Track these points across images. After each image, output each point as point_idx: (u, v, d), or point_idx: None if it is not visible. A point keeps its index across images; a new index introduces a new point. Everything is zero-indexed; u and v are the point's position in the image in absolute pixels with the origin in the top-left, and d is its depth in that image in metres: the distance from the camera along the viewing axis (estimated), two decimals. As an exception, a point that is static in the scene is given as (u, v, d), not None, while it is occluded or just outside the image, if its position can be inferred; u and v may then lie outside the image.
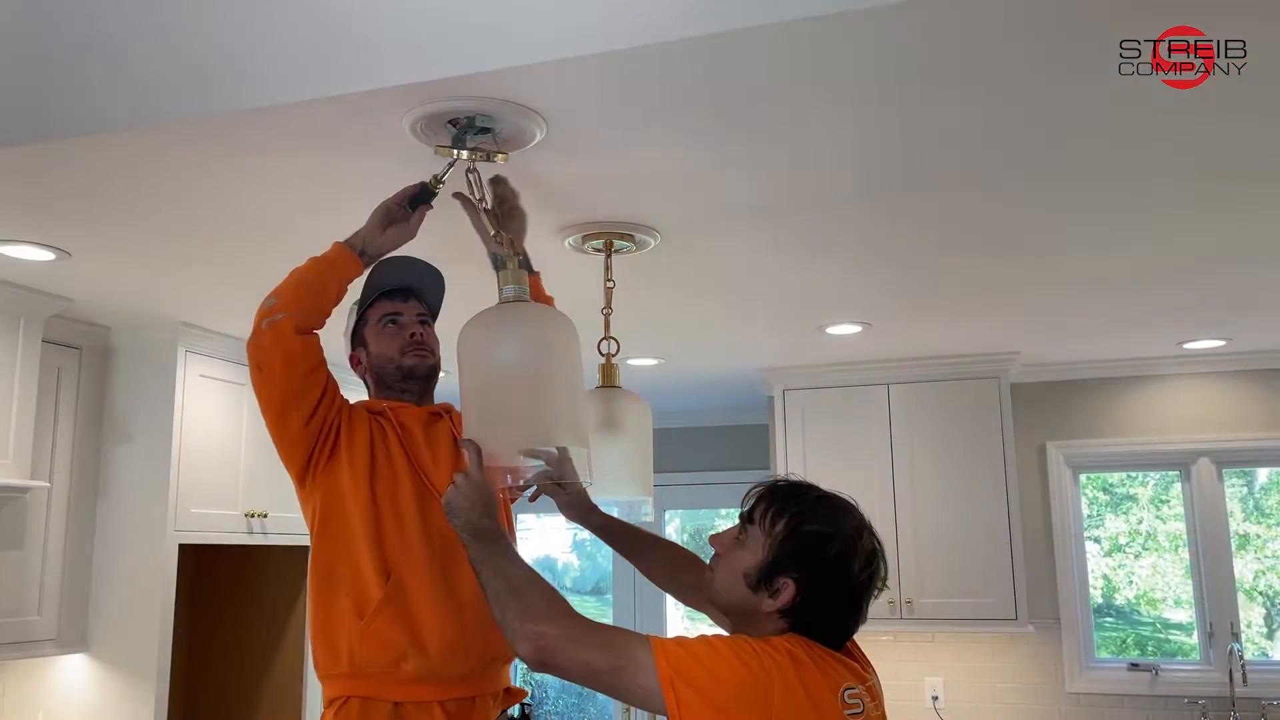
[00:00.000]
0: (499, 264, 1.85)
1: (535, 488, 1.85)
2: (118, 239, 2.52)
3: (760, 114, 1.80)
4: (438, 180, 1.88)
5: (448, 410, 2.04)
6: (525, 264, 1.91)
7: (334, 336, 1.96)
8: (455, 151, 1.82)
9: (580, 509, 2.00)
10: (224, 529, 3.54)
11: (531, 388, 1.62)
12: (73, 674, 3.34)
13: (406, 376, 1.97)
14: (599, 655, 1.41)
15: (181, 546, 3.39)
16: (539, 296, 1.98)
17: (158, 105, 1.79)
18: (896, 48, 1.56)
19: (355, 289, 1.97)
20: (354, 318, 2.06)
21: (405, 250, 1.95)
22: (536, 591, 1.50)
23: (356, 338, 2.05)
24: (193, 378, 3.46)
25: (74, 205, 2.28)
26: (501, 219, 1.89)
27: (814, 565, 1.47)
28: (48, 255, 2.60)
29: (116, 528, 3.38)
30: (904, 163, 2.05)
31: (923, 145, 1.96)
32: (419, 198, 1.89)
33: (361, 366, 2.04)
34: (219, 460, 3.54)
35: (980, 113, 1.81)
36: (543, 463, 1.69)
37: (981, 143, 1.95)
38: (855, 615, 1.51)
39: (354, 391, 1.99)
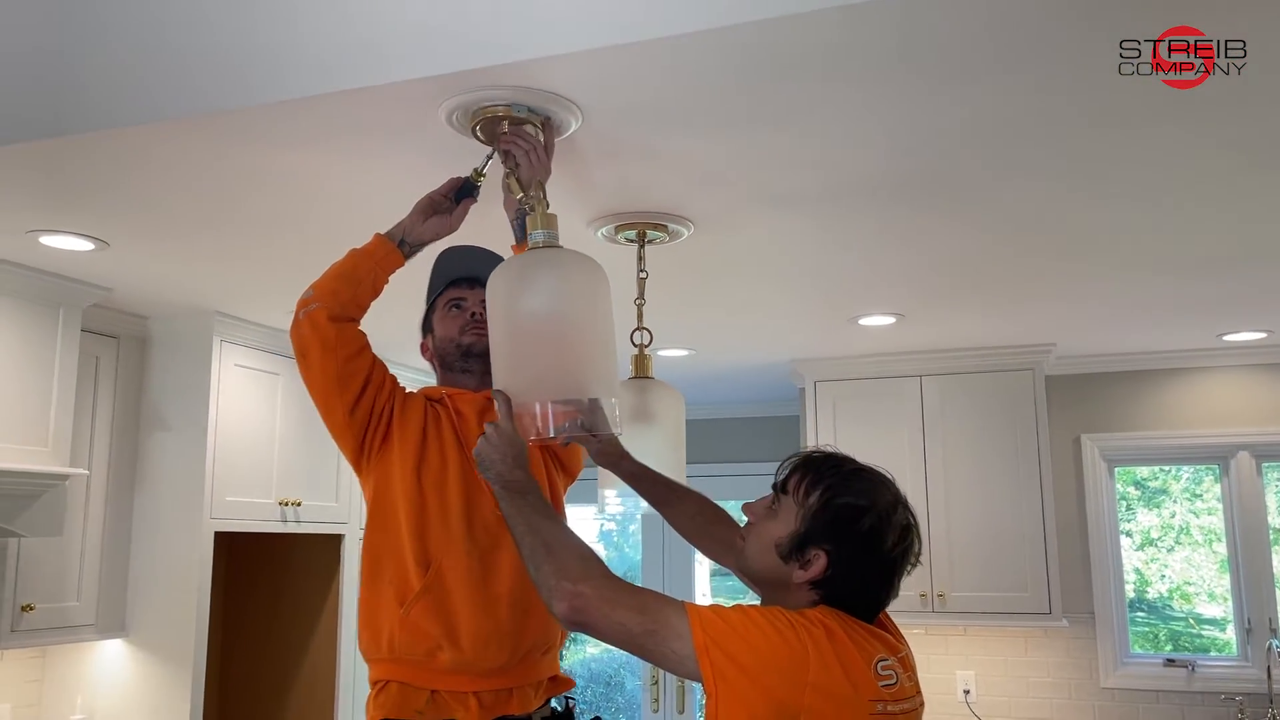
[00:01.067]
0: (523, 234, 1.84)
1: (566, 437, 1.84)
2: (155, 229, 2.54)
3: (796, 103, 1.79)
4: (479, 173, 1.88)
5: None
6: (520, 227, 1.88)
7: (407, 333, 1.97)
8: (494, 149, 1.82)
9: (611, 457, 1.98)
10: (258, 517, 3.58)
11: (561, 336, 1.59)
12: (111, 658, 3.39)
13: (465, 355, 1.98)
14: (634, 618, 1.40)
15: (217, 534, 3.43)
16: None
17: (197, 97, 1.80)
18: (932, 35, 1.54)
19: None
20: (426, 307, 2.09)
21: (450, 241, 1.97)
22: (573, 550, 1.49)
23: (426, 325, 2.08)
24: (228, 367, 3.49)
25: (112, 196, 2.30)
26: (521, 171, 1.81)
27: (846, 538, 1.46)
28: (87, 245, 2.64)
29: (153, 515, 3.42)
30: (938, 152, 2.03)
31: (957, 134, 1.94)
32: (462, 191, 1.90)
33: (429, 351, 2.07)
34: (253, 449, 3.58)
35: (1017, 102, 1.78)
36: (574, 411, 1.65)
37: (1017, 132, 1.92)
38: (887, 589, 1.49)
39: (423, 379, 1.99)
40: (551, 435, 1.61)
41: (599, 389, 1.59)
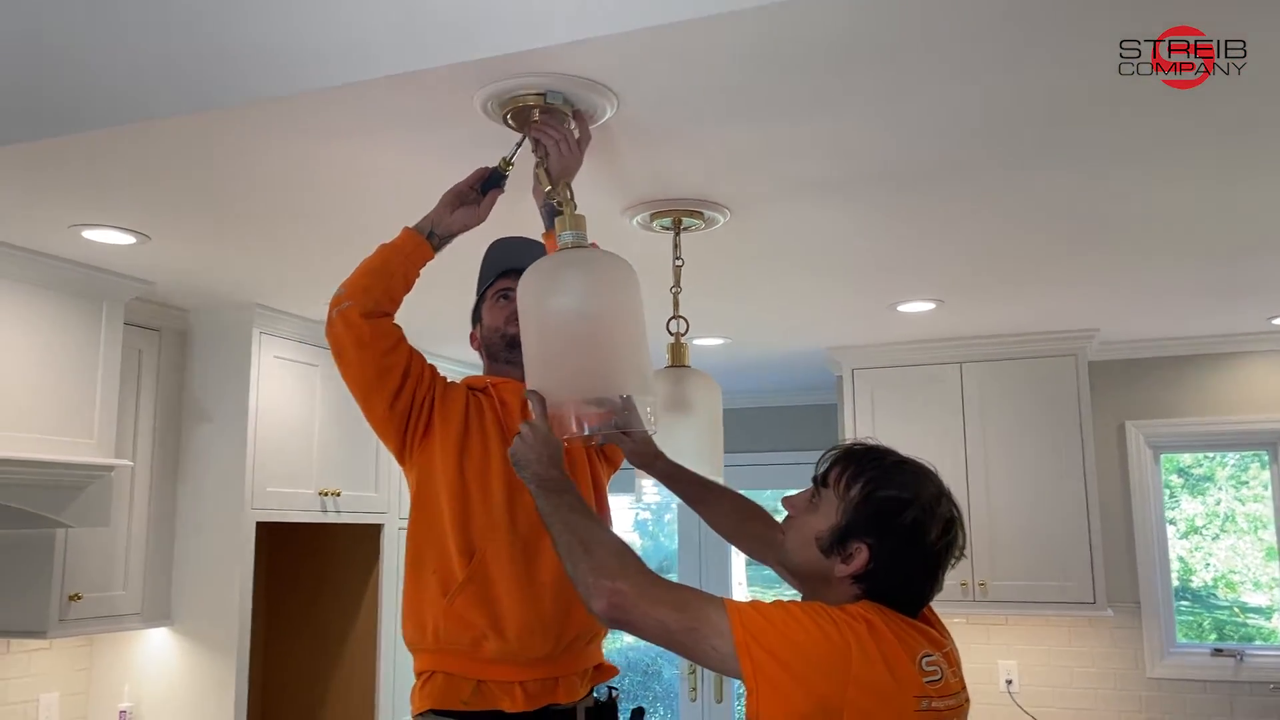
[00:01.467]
0: (551, 222, 1.84)
1: (601, 436, 1.83)
2: (194, 222, 2.56)
3: (831, 87, 1.76)
4: (507, 162, 1.87)
5: None
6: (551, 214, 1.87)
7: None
8: (524, 131, 1.81)
9: (646, 456, 1.97)
10: (299, 507, 3.61)
11: (593, 335, 1.59)
12: (157, 646, 3.44)
13: (511, 345, 1.97)
14: (673, 615, 1.39)
15: (258, 524, 3.47)
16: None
17: (235, 87, 1.81)
18: (971, 16, 1.51)
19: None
20: (476, 299, 2.10)
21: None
22: (609, 547, 1.48)
23: (475, 315, 2.09)
24: (267, 359, 3.52)
25: (152, 189, 2.32)
26: (551, 162, 1.81)
27: (889, 531, 1.43)
28: (128, 239, 2.66)
29: (196, 505, 3.46)
30: (976, 137, 1.99)
31: (993, 119, 1.90)
32: (490, 181, 1.89)
33: (477, 342, 2.08)
34: (293, 440, 3.61)
35: (1059, 84, 1.74)
36: (608, 410, 1.66)
37: (1060, 114, 1.88)
38: (931, 583, 1.47)
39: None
40: (586, 434, 1.62)
41: (632, 387, 1.59)
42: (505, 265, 2.03)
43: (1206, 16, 1.51)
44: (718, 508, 1.97)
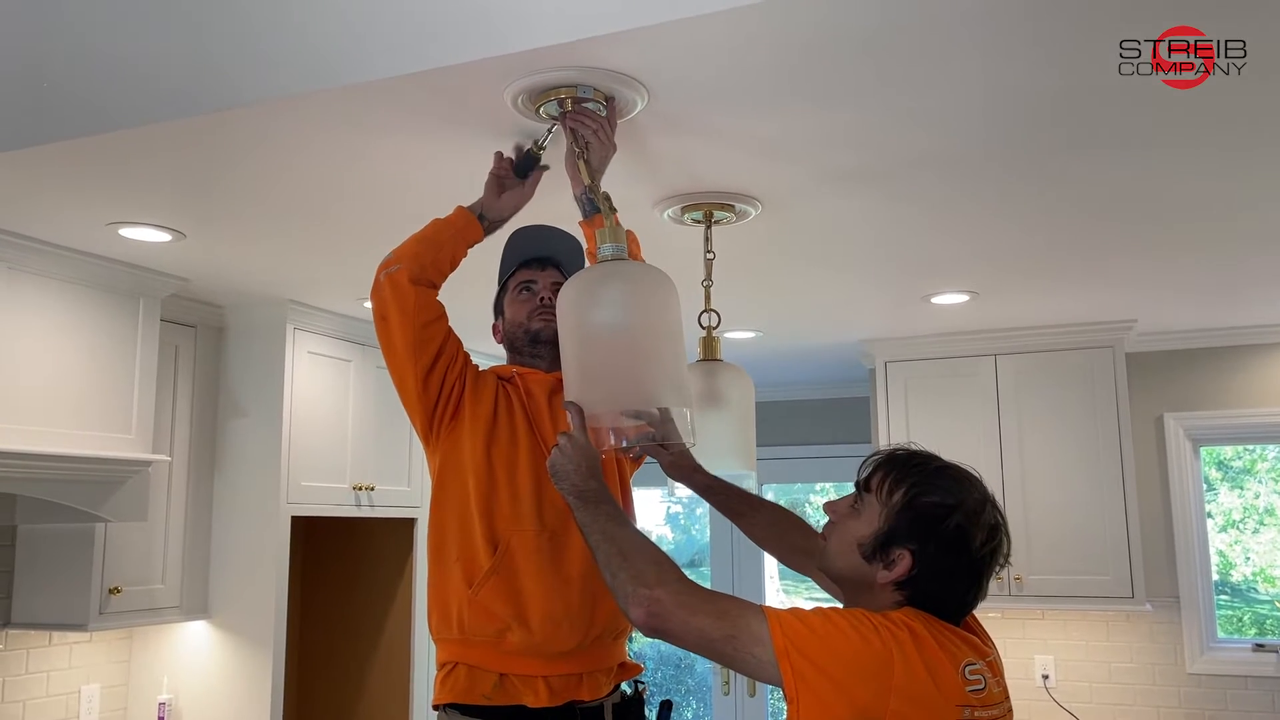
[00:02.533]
0: (587, 211, 1.86)
1: (639, 448, 1.83)
2: (229, 220, 2.58)
3: (862, 78, 1.74)
4: (539, 146, 1.88)
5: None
6: (595, 203, 1.87)
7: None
8: (555, 122, 1.81)
9: (684, 469, 1.97)
10: (333, 501, 3.64)
11: (632, 348, 1.60)
12: (195, 639, 3.48)
13: (534, 340, 1.97)
14: (713, 624, 1.39)
15: (293, 518, 3.50)
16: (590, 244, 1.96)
17: (268, 82, 1.82)
18: (1007, 4, 1.49)
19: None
20: (498, 289, 2.08)
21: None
22: (647, 556, 1.48)
23: (498, 308, 2.08)
24: (301, 354, 3.55)
25: (188, 187, 2.34)
26: (589, 154, 1.82)
27: (932, 538, 1.42)
28: (164, 236, 2.69)
29: (232, 499, 3.50)
30: (1010, 127, 1.97)
31: (1030, 108, 1.87)
32: (525, 164, 1.90)
33: (500, 334, 2.08)
34: (327, 434, 3.64)
35: (1096, 70, 1.71)
36: (645, 423, 1.66)
37: (1098, 100, 1.85)
38: (975, 591, 1.45)
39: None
40: (624, 446, 1.66)
41: (670, 399, 1.60)
42: (526, 254, 2.03)
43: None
44: (757, 519, 1.96)
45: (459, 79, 1.73)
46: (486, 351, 2.90)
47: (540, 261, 2.02)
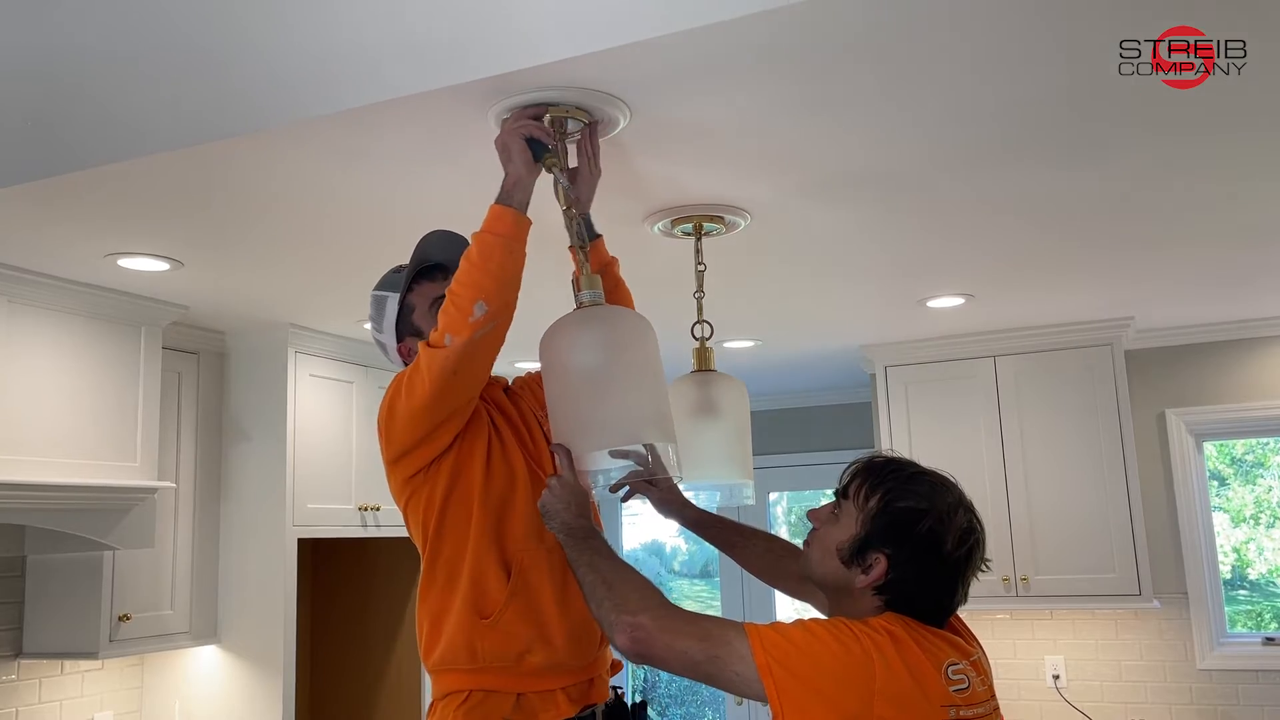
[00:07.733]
0: (589, 234, 1.85)
1: (627, 488, 1.86)
2: (225, 246, 2.61)
3: (847, 85, 1.76)
4: (552, 148, 1.76)
5: (506, 385, 2.00)
6: (588, 227, 1.86)
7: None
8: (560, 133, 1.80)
9: (673, 505, 2.01)
10: (339, 523, 3.66)
11: (613, 389, 1.64)
12: (205, 664, 3.50)
13: None
14: (695, 645, 1.42)
15: (300, 540, 3.52)
16: (602, 259, 1.93)
17: (248, 115, 1.85)
18: (995, 9, 1.51)
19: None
20: (392, 307, 1.90)
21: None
22: (630, 584, 1.53)
23: (405, 326, 1.90)
24: (303, 377, 3.58)
25: (184, 216, 2.37)
26: (578, 187, 1.82)
27: (905, 541, 1.45)
28: (163, 265, 2.72)
29: (239, 524, 3.53)
30: (1013, 123, 1.96)
31: (1033, 104, 1.87)
32: (536, 150, 1.72)
33: (409, 355, 1.89)
34: (331, 456, 3.66)
35: (1095, 70, 1.72)
36: (632, 462, 1.70)
37: (1098, 100, 1.86)
38: (952, 593, 1.48)
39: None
40: (612, 485, 1.71)
41: (654, 435, 1.65)
42: (422, 262, 1.89)
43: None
44: (750, 550, 1.99)
45: (440, 103, 1.75)
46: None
47: (440, 269, 1.88)
